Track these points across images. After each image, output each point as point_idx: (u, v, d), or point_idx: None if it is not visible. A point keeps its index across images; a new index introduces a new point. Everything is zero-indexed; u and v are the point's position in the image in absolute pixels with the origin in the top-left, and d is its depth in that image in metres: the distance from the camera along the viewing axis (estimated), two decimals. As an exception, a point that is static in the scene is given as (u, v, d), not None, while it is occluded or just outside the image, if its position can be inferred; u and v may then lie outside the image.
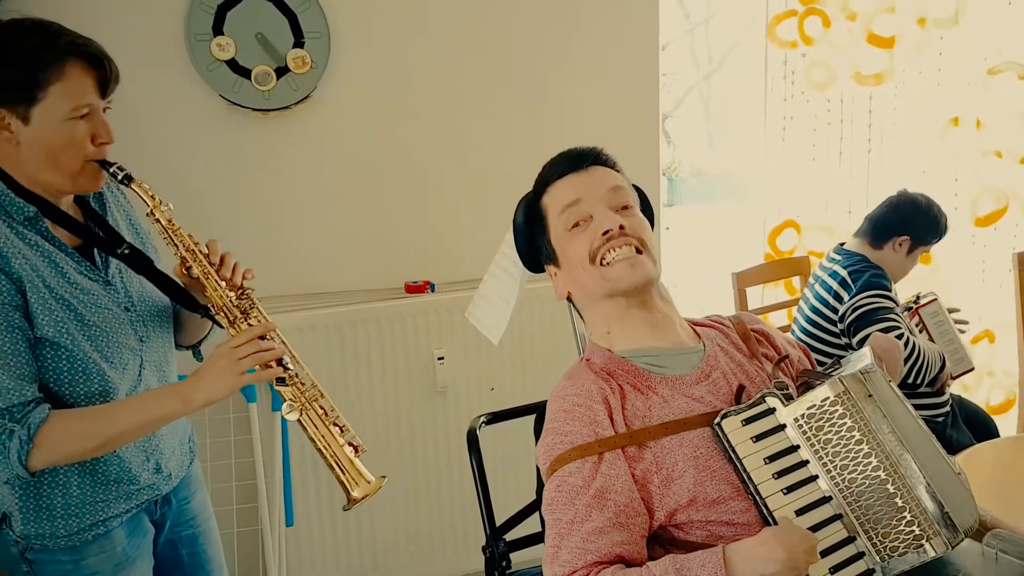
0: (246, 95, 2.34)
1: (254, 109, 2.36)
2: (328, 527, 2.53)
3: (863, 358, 1.28)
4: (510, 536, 1.58)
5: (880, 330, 2.25)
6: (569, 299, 1.44)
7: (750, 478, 1.14)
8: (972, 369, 2.64)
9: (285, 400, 1.38)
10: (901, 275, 2.50)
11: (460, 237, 2.63)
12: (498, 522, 1.59)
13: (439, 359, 2.56)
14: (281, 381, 1.37)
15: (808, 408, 1.18)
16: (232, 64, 2.31)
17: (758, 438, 1.16)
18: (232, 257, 1.46)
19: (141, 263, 1.43)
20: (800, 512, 1.13)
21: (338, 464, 1.39)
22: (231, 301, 1.42)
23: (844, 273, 2.41)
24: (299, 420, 1.39)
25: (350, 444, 1.42)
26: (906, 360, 2.26)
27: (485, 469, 1.61)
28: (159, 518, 1.54)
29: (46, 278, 1.28)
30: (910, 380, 2.30)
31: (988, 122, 3.14)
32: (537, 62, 2.64)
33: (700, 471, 1.15)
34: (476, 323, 1.77)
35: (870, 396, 1.17)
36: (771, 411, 1.19)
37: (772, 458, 1.15)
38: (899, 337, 2.23)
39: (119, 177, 1.34)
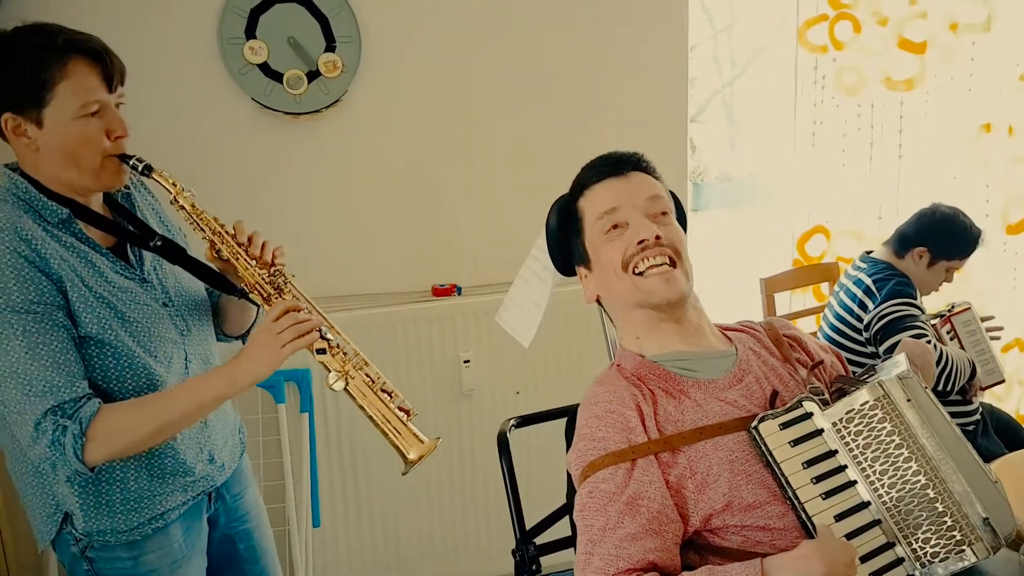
0: (278, 99, 2.36)
1: (285, 113, 2.38)
2: (354, 529, 2.54)
3: (898, 364, 1.27)
4: (537, 539, 1.57)
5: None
6: (599, 302, 1.44)
7: (788, 483, 1.12)
8: (1002, 381, 2.61)
9: (330, 371, 1.38)
10: (926, 288, 2.47)
11: (487, 241, 2.64)
12: (526, 525, 1.58)
13: (465, 362, 2.56)
14: (321, 351, 1.37)
15: (847, 412, 1.16)
16: (264, 68, 2.33)
17: (796, 442, 1.15)
18: (260, 236, 1.46)
19: (175, 253, 1.44)
20: (839, 517, 1.12)
21: (391, 429, 1.39)
22: (263, 279, 1.43)
23: (869, 281, 2.39)
24: (346, 390, 1.39)
25: (400, 409, 1.42)
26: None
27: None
28: (213, 514, 1.55)
29: (84, 278, 1.30)
30: (939, 387, 2.27)
31: (1020, 128, 3.11)
32: (565, 68, 2.64)
33: (736, 475, 1.14)
34: (506, 327, 1.78)
35: (909, 401, 1.16)
36: (808, 415, 1.17)
37: (810, 463, 1.14)
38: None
39: (139, 168, 1.35)
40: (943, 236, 2.41)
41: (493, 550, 2.67)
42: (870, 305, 2.35)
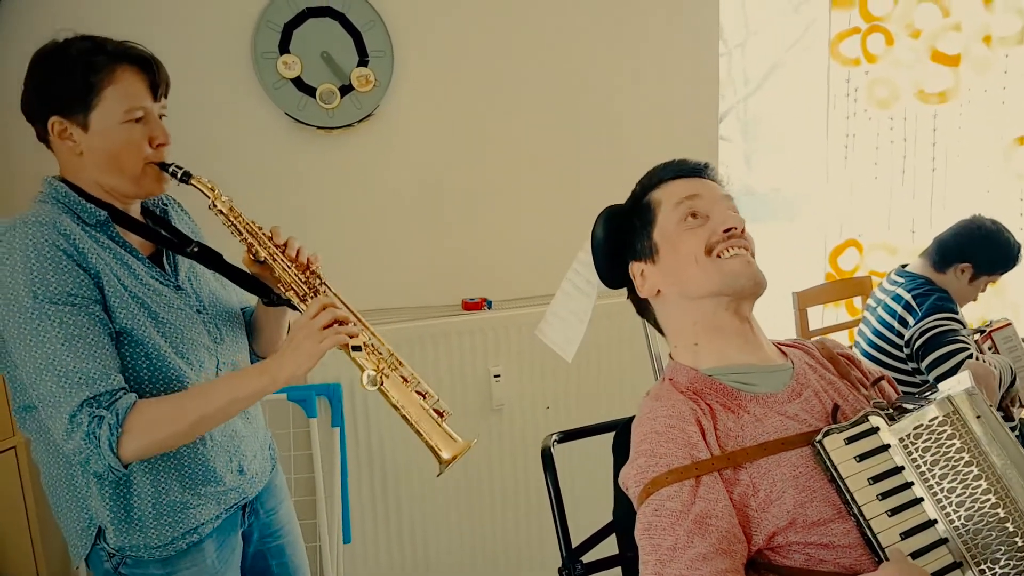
0: (310, 113, 2.36)
1: (318, 127, 2.38)
2: (384, 545, 2.51)
3: (962, 382, 1.24)
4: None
5: (949, 352, 2.21)
6: (646, 315, 1.42)
7: (854, 499, 1.09)
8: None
9: (364, 370, 1.36)
10: (963, 302, 2.44)
11: (518, 254, 2.63)
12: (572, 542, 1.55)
13: (495, 376, 2.55)
14: (356, 348, 1.36)
15: (915, 428, 1.13)
16: (297, 82, 2.33)
17: (861, 458, 1.12)
18: (297, 241, 1.46)
19: (211, 258, 1.45)
20: (905, 535, 1.09)
21: (424, 430, 1.37)
22: (300, 279, 1.43)
23: (908, 297, 2.36)
24: (380, 389, 1.36)
25: (435, 411, 1.40)
26: None
27: (545, 488, 1.58)
28: (247, 529, 1.54)
29: (120, 276, 1.30)
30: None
31: (1054, 142, 3.08)
32: (597, 83, 2.64)
33: (800, 492, 1.11)
34: (547, 340, 1.75)
35: (979, 417, 1.13)
36: (875, 430, 1.15)
37: (876, 479, 1.11)
38: (968, 358, 2.18)
39: (178, 176, 1.36)
40: (988, 252, 2.38)
41: (523, 566, 2.64)
42: (911, 321, 2.32)
